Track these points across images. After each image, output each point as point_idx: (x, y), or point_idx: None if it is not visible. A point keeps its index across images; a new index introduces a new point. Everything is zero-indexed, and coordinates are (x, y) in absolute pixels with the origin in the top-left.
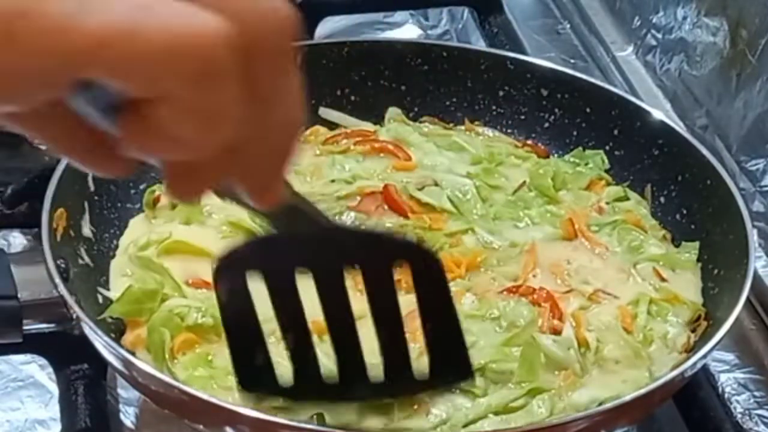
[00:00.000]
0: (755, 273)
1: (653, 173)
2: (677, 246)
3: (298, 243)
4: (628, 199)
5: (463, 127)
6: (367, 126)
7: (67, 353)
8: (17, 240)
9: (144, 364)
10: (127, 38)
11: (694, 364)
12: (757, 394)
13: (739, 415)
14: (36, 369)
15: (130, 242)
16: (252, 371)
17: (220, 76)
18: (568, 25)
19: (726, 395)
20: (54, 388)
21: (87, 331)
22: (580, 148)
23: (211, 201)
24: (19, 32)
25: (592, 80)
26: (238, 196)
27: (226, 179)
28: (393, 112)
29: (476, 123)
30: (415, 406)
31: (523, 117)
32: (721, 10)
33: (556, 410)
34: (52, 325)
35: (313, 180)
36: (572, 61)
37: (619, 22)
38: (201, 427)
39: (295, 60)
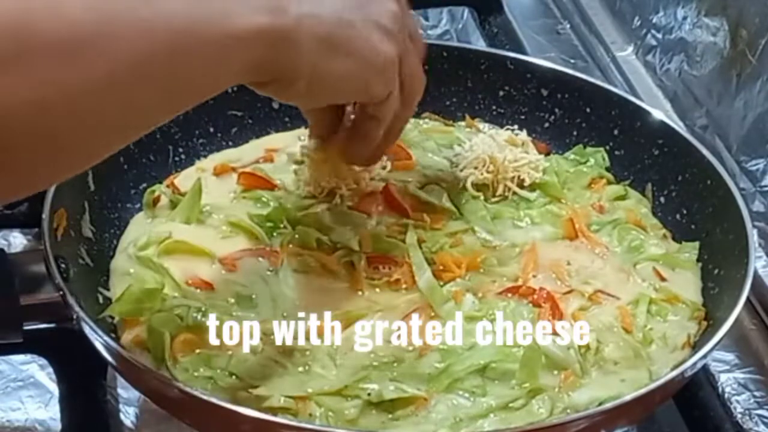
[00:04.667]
0: (755, 273)
1: (653, 173)
2: (678, 242)
3: None
4: (628, 197)
5: (463, 123)
6: None
7: (67, 353)
8: (17, 240)
9: (144, 364)
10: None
11: (694, 364)
12: (757, 394)
13: (739, 415)
14: (36, 369)
15: (129, 242)
16: None
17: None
18: (568, 25)
19: (726, 395)
20: (54, 388)
21: (87, 330)
22: (581, 146)
23: (211, 201)
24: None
25: (592, 80)
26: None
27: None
28: None
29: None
30: (416, 406)
31: (523, 117)
32: (721, 10)
33: (556, 410)
34: (52, 325)
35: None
36: (572, 61)
37: (619, 22)
38: (201, 427)
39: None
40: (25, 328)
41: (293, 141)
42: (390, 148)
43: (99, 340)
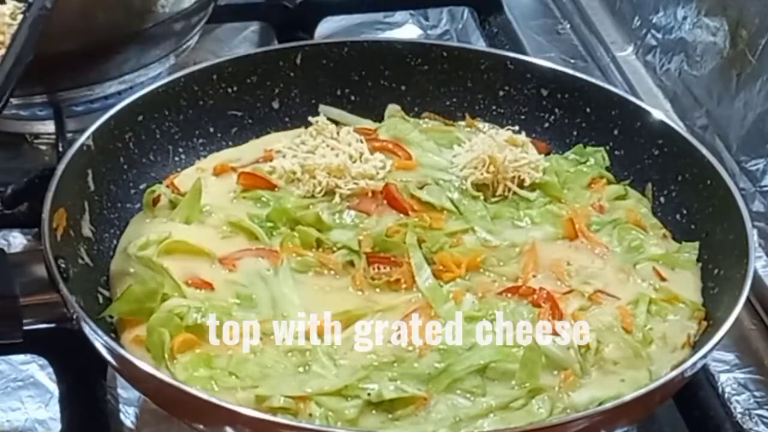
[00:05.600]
0: (755, 273)
1: (653, 173)
2: (678, 242)
3: None
4: (628, 197)
5: (463, 123)
6: (367, 123)
7: (67, 353)
8: (17, 240)
9: (144, 364)
10: None
11: (694, 364)
12: (757, 394)
13: (739, 415)
14: (36, 369)
15: (129, 242)
16: None
17: None
18: (568, 25)
19: (726, 395)
20: (54, 388)
21: (87, 330)
22: (581, 146)
23: (211, 201)
24: None
25: (592, 80)
26: None
27: None
28: (392, 109)
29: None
30: (416, 406)
31: (523, 117)
32: (721, 10)
33: (556, 410)
34: (52, 325)
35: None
36: (572, 61)
37: (619, 22)
38: (201, 426)
39: None
40: (25, 328)
41: (293, 141)
42: None
43: (99, 340)
